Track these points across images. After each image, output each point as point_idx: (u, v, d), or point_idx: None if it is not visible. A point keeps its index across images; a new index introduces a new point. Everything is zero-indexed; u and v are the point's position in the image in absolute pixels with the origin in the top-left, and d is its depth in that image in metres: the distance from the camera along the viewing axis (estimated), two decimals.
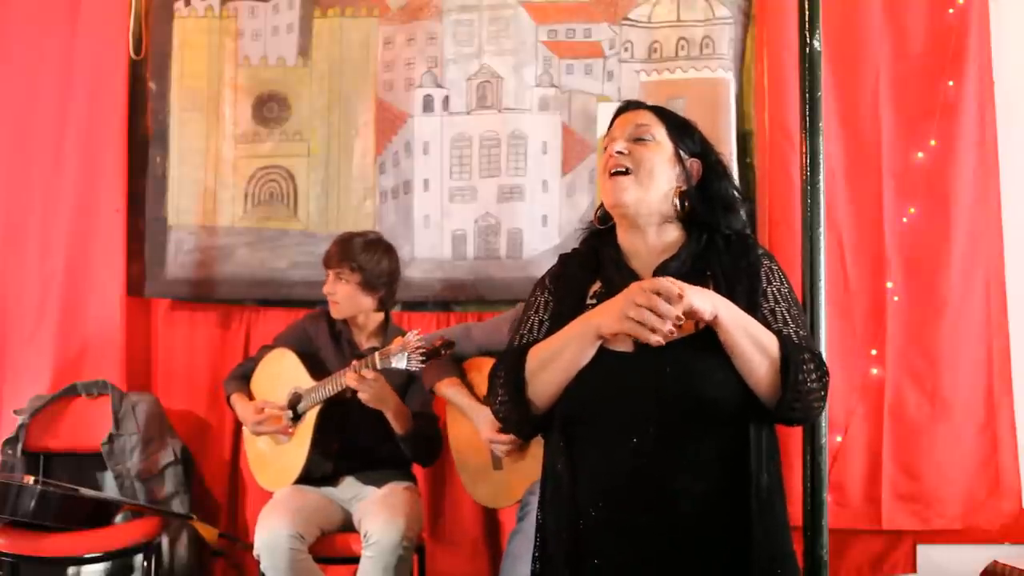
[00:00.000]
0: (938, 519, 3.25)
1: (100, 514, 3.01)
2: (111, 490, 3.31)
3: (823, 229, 2.08)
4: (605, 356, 1.62)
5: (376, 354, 2.69)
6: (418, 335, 2.63)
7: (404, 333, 2.74)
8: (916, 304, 3.30)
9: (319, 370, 2.94)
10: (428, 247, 3.46)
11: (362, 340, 3.02)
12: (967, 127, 3.31)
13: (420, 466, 3.09)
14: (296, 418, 2.94)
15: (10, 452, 3.28)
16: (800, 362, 1.58)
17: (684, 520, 1.58)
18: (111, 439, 3.29)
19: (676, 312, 1.52)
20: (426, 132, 3.50)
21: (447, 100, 3.50)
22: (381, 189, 3.52)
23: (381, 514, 2.71)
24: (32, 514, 2.84)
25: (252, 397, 3.07)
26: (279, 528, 2.64)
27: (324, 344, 3.03)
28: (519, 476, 2.67)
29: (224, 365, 3.40)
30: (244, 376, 3.12)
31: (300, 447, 2.91)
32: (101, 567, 3.29)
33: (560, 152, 3.45)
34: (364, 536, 2.69)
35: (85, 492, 3.06)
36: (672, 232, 1.76)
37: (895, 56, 3.37)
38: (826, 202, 2.11)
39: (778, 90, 3.30)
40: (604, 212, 1.82)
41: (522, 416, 1.67)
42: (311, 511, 2.80)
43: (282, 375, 3.00)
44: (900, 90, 3.36)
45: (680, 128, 1.81)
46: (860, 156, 3.34)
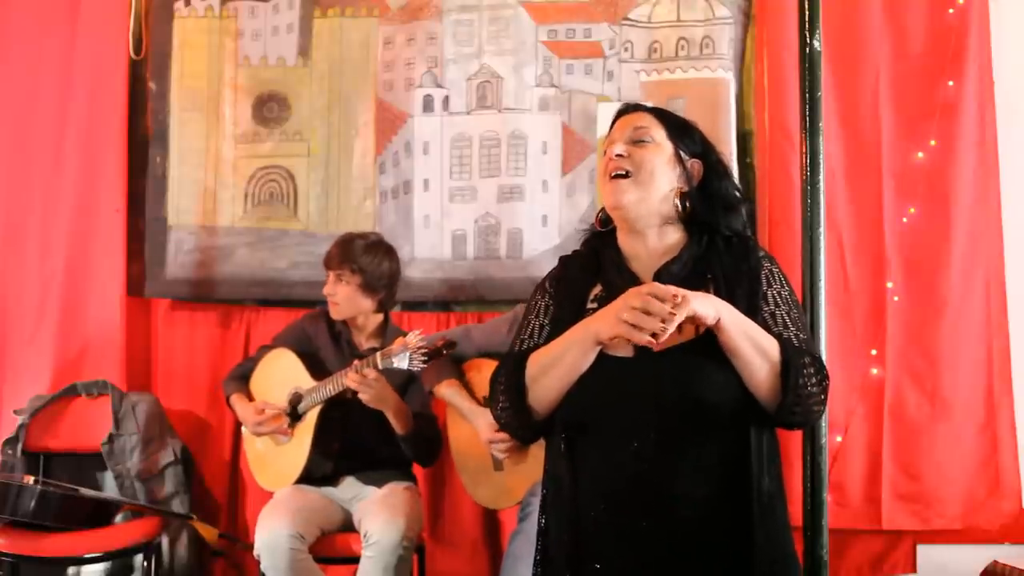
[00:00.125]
0: (938, 519, 3.25)
1: (100, 514, 3.01)
2: (111, 490, 3.31)
3: (823, 229, 2.08)
4: (605, 361, 1.62)
5: (378, 354, 2.68)
6: (419, 335, 2.63)
7: (404, 334, 2.74)
8: (916, 304, 3.30)
9: (319, 370, 2.94)
10: (428, 247, 3.46)
11: (361, 341, 3.02)
12: (967, 127, 3.31)
13: (420, 466, 3.09)
14: (296, 418, 2.94)
15: (10, 452, 3.28)
16: (800, 366, 1.58)
17: (685, 524, 1.57)
18: (111, 439, 3.29)
19: (668, 310, 1.51)
20: (426, 132, 3.49)
21: (447, 100, 3.50)
22: (381, 189, 3.51)
23: (381, 514, 2.71)
24: (32, 514, 2.84)
25: (251, 397, 3.07)
26: (279, 528, 2.64)
27: (324, 344, 3.03)
28: (519, 477, 2.68)
29: (224, 365, 3.40)
30: (243, 376, 3.12)
31: (301, 447, 2.91)
32: (101, 567, 3.28)
33: (560, 152, 3.45)
34: (364, 536, 2.69)
35: (85, 492, 3.06)
36: (673, 234, 1.75)
37: (895, 56, 3.37)
38: (826, 202, 2.11)
39: (778, 90, 3.30)
40: (605, 215, 1.81)
41: (523, 422, 1.67)
42: (311, 511, 2.80)
43: (282, 375, 3.00)
44: (900, 90, 3.36)
45: (680, 129, 1.80)
46: (860, 156, 3.34)
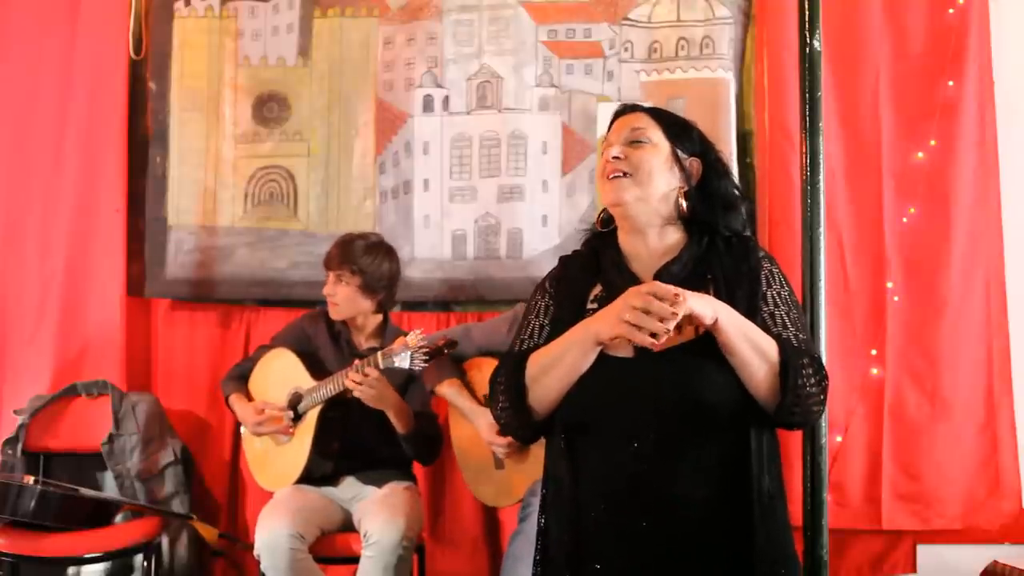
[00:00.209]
0: (938, 519, 3.25)
1: (100, 514, 3.01)
2: (111, 490, 3.31)
3: (823, 229, 2.08)
4: (605, 362, 1.62)
5: (379, 353, 2.68)
6: (420, 335, 2.63)
7: (404, 334, 2.74)
8: (916, 304, 3.30)
9: (319, 370, 2.94)
10: (428, 247, 3.46)
11: (361, 341, 3.01)
12: (967, 127, 3.31)
13: (421, 465, 3.09)
14: (296, 418, 2.94)
15: (10, 452, 3.28)
16: (799, 367, 1.57)
17: (685, 525, 1.57)
18: (111, 439, 3.29)
19: (671, 311, 1.51)
20: (426, 132, 3.49)
21: (447, 100, 3.50)
22: (381, 189, 3.51)
23: (381, 514, 2.71)
24: (32, 514, 2.83)
25: (250, 397, 3.07)
26: (279, 528, 2.64)
27: (323, 344, 3.03)
28: (521, 476, 2.68)
29: (224, 365, 3.39)
30: (242, 377, 3.11)
31: (301, 447, 2.90)
32: (101, 567, 3.28)
33: (560, 152, 3.45)
34: (364, 536, 2.69)
35: (85, 492, 3.06)
36: (673, 235, 1.75)
37: (895, 56, 3.37)
38: (826, 202, 2.11)
39: (778, 90, 3.30)
40: (607, 215, 1.81)
41: (523, 422, 1.67)
42: (311, 511, 2.80)
43: (281, 375, 3.00)
44: (900, 90, 3.35)
45: (677, 128, 1.80)
46: (860, 156, 3.34)
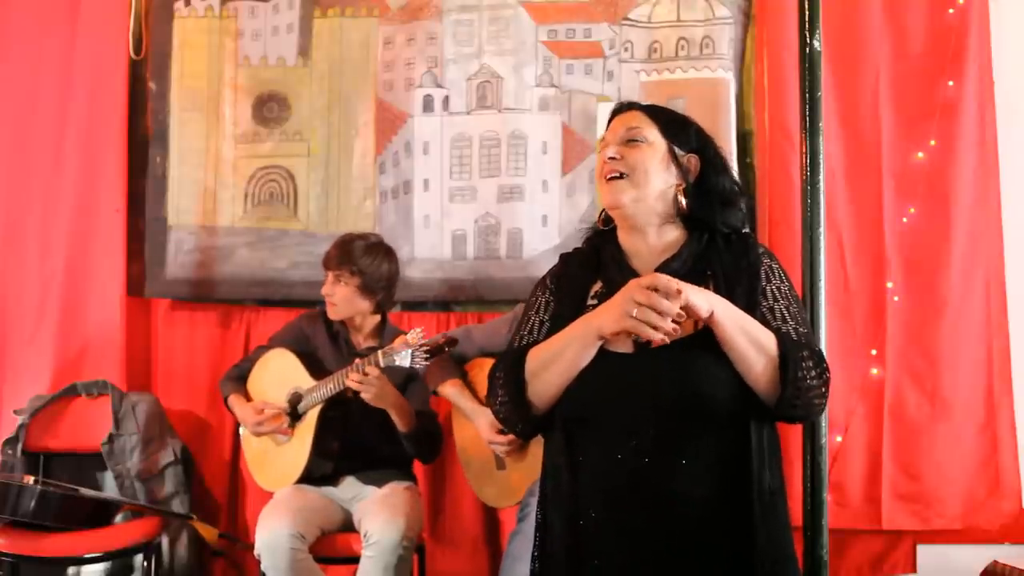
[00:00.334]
0: (938, 519, 3.25)
1: (100, 514, 3.01)
2: (111, 490, 3.31)
3: (823, 229, 2.09)
4: (605, 357, 1.62)
5: (380, 352, 2.68)
6: (420, 333, 2.63)
7: (403, 333, 2.74)
8: (916, 304, 3.30)
9: (318, 370, 2.94)
10: (428, 247, 3.46)
11: (359, 341, 3.01)
12: (967, 127, 3.31)
13: (422, 463, 3.09)
14: (296, 418, 2.94)
15: (10, 452, 3.28)
16: (799, 359, 1.57)
17: (684, 522, 1.57)
18: (111, 439, 3.29)
19: (676, 308, 1.52)
20: (426, 132, 3.49)
21: (447, 100, 3.50)
22: (381, 189, 3.51)
23: (381, 514, 2.71)
24: (32, 514, 2.83)
25: (249, 398, 3.06)
26: (280, 528, 2.64)
27: (322, 344, 3.03)
28: (521, 476, 2.68)
29: (224, 365, 3.39)
30: (240, 377, 3.11)
31: (301, 447, 2.90)
32: (101, 567, 3.28)
33: (560, 152, 3.45)
34: (364, 536, 2.69)
35: (85, 492, 3.06)
36: (673, 232, 1.75)
37: (895, 56, 3.37)
38: (826, 202, 2.12)
39: (778, 90, 3.30)
40: (607, 214, 1.81)
41: (522, 416, 1.67)
42: (311, 511, 2.80)
43: (281, 375, 3.00)
44: (900, 90, 3.35)
45: (674, 125, 1.79)
46: (860, 156, 3.34)
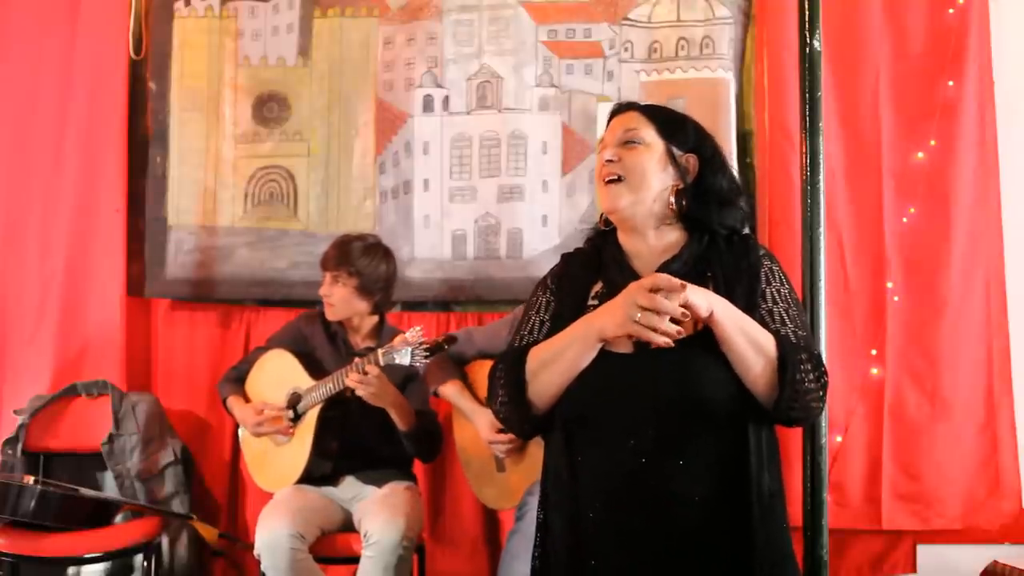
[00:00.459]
0: (938, 519, 3.25)
1: (100, 514, 3.01)
2: (111, 490, 3.31)
3: (823, 229, 2.08)
4: (605, 357, 1.62)
5: (379, 351, 2.68)
6: (419, 332, 2.63)
7: (400, 333, 2.73)
8: (916, 304, 3.30)
9: (317, 370, 2.94)
10: (428, 247, 3.46)
11: (357, 341, 3.01)
12: (967, 127, 3.31)
13: (422, 462, 3.09)
14: (296, 418, 2.94)
15: (10, 452, 3.28)
16: (797, 362, 1.57)
17: (683, 523, 1.57)
18: (111, 439, 3.29)
19: (679, 307, 1.52)
20: (426, 132, 3.49)
21: (447, 100, 3.50)
22: (381, 189, 3.51)
23: (381, 514, 2.71)
24: (32, 514, 2.83)
25: (247, 399, 3.06)
26: (280, 528, 2.64)
27: (320, 344, 3.03)
28: (520, 478, 2.68)
29: (224, 365, 3.39)
30: (238, 379, 3.11)
31: (301, 447, 2.90)
32: (101, 567, 3.28)
33: (560, 152, 3.45)
34: (364, 536, 2.69)
35: (85, 492, 3.06)
36: (672, 233, 1.75)
37: (895, 56, 3.37)
38: (826, 202, 2.11)
39: (778, 90, 3.30)
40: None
41: (522, 416, 1.67)
42: (311, 511, 2.80)
43: (279, 375, 3.00)
44: (900, 90, 3.35)
45: (671, 125, 1.78)
46: (860, 156, 3.34)
